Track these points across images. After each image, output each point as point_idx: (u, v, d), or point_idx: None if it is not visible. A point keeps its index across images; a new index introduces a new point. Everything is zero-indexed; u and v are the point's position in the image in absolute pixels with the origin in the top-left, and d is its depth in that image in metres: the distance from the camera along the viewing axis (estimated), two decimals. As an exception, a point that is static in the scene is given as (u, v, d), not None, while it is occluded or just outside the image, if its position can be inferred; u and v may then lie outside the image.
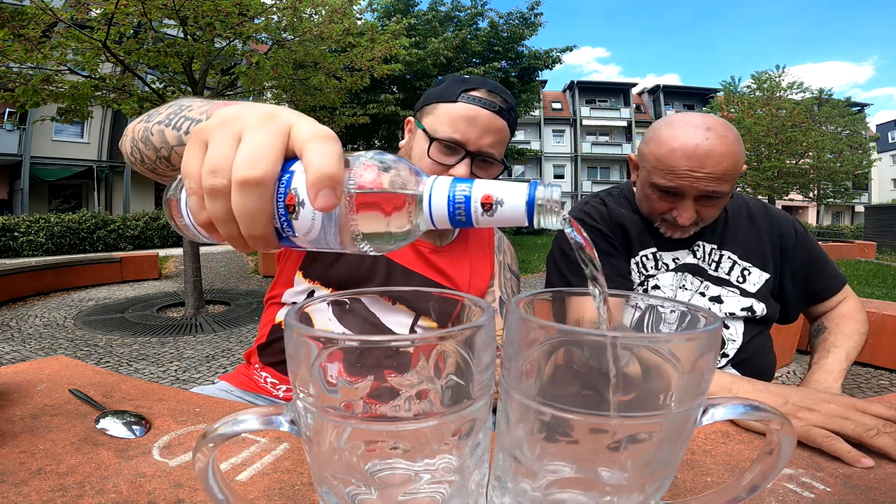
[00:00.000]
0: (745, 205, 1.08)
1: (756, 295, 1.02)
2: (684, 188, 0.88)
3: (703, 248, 1.03)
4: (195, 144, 0.34)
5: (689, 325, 0.35)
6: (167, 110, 0.53)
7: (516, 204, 0.32)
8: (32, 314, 5.14)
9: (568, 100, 33.09)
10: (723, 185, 0.86)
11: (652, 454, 0.30)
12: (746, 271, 1.02)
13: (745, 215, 1.06)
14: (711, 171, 0.84)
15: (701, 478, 0.48)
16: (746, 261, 1.03)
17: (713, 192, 0.87)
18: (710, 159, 0.84)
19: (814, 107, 19.65)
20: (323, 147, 0.31)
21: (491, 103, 0.83)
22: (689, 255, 1.03)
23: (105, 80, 5.25)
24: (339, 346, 0.27)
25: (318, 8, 5.35)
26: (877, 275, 8.25)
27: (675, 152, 0.86)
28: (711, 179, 0.85)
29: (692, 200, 0.90)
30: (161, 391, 0.68)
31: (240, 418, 0.31)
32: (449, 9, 11.48)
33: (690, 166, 0.85)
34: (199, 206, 0.34)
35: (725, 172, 0.85)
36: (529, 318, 0.31)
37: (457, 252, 0.95)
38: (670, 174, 0.88)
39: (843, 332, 0.99)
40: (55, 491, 0.44)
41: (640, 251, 1.03)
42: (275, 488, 0.45)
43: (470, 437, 0.31)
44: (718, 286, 1.02)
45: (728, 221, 1.05)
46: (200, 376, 3.31)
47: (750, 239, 1.04)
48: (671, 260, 1.03)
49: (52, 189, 18.10)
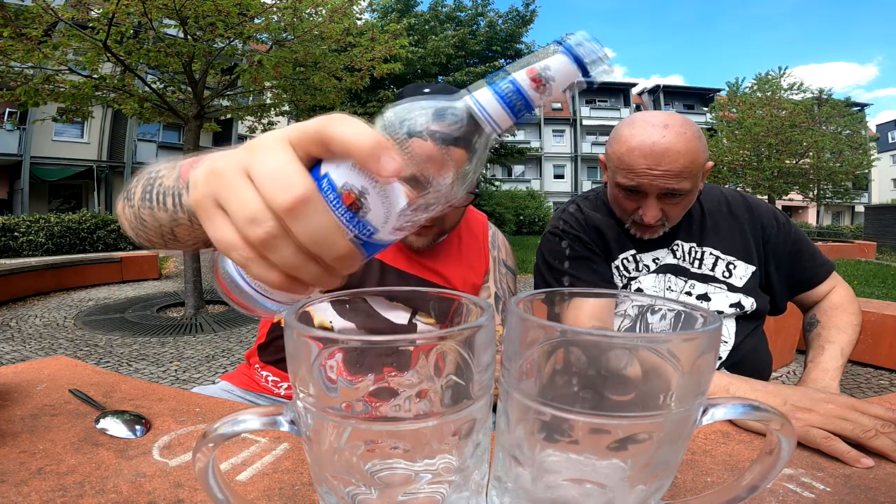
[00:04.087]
0: (723, 198, 1.07)
1: (744, 289, 1.00)
2: (644, 186, 0.89)
3: (682, 248, 1.02)
4: (207, 212, 0.29)
5: (686, 325, 0.35)
6: (140, 186, 0.51)
7: (561, 62, 0.30)
8: (32, 314, 5.14)
9: (568, 100, 32.83)
10: (683, 183, 0.86)
11: (652, 454, 0.30)
12: (731, 265, 1.01)
13: (725, 209, 1.05)
14: (669, 168, 0.85)
15: (701, 478, 0.48)
16: (730, 255, 1.02)
17: (674, 190, 0.87)
18: (667, 157, 0.84)
19: (814, 107, 19.64)
20: (341, 125, 0.28)
21: None
22: (669, 254, 1.02)
23: (105, 80, 5.25)
24: (339, 346, 0.27)
25: (318, 8, 5.35)
26: (877, 275, 8.25)
27: (633, 151, 0.87)
28: (669, 177, 0.85)
29: (655, 199, 0.90)
30: (161, 391, 0.68)
31: (240, 418, 0.31)
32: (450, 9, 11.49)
33: (648, 164, 0.86)
34: (264, 268, 0.28)
35: (683, 169, 0.85)
36: (529, 318, 0.31)
37: (449, 250, 0.96)
38: (631, 173, 0.89)
39: (836, 326, 0.97)
40: (55, 491, 0.44)
41: (619, 255, 1.02)
42: (275, 488, 0.45)
43: (470, 437, 0.31)
44: (704, 283, 1.01)
45: (705, 217, 1.04)
46: (200, 376, 3.31)
47: (731, 232, 1.03)
48: (651, 261, 1.02)
49: (52, 189, 18.09)
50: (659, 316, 0.39)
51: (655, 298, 0.38)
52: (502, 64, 11.51)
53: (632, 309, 0.40)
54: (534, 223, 20.03)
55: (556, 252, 1.03)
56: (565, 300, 0.40)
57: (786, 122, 18.20)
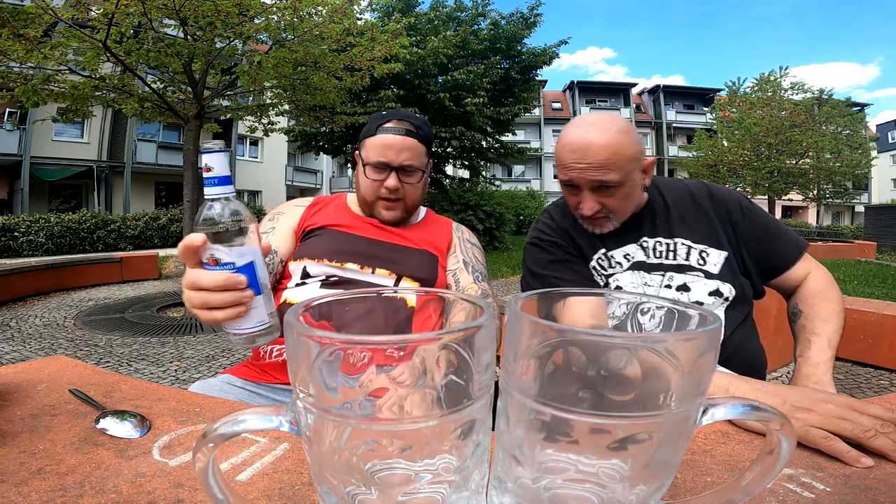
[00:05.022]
0: (686, 190, 1.10)
1: (720, 276, 1.02)
2: (576, 179, 0.97)
3: (650, 243, 1.05)
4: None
5: (679, 323, 0.35)
6: None
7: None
8: (32, 314, 5.14)
9: (568, 100, 33.07)
10: (609, 174, 0.93)
11: (652, 454, 0.30)
12: (704, 253, 1.03)
13: (689, 200, 1.08)
14: (592, 160, 0.93)
15: (701, 478, 0.48)
16: (701, 244, 1.04)
17: (602, 181, 0.94)
18: (590, 150, 0.92)
19: (814, 107, 19.64)
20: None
21: (399, 129, 1.08)
22: (639, 251, 1.05)
23: (105, 80, 5.25)
24: (339, 346, 0.27)
25: (318, 8, 5.35)
26: (877, 275, 8.25)
27: (564, 147, 0.96)
28: (594, 168, 0.93)
29: (589, 191, 0.97)
30: (161, 391, 0.68)
31: (240, 418, 0.31)
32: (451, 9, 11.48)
33: (575, 158, 0.94)
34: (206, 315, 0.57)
35: (606, 161, 0.92)
36: (529, 319, 0.31)
37: (417, 230, 1.16)
38: (563, 168, 0.98)
39: (818, 316, 0.98)
40: (55, 491, 0.44)
41: (592, 255, 1.07)
42: (275, 488, 0.45)
43: (470, 437, 0.31)
44: (682, 273, 1.03)
45: (670, 211, 1.07)
46: (200, 376, 3.31)
47: (698, 222, 1.06)
48: (623, 257, 1.06)
49: (52, 189, 18.09)
50: (649, 315, 0.39)
51: (643, 296, 0.38)
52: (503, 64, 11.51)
53: (620, 308, 0.40)
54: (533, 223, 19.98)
55: (538, 260, 1.09)
56: (562, 300, 0.40)
57: (786, 122, 18.21)
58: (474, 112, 10.60)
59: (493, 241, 11.44)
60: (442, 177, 12.76)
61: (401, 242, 1.10)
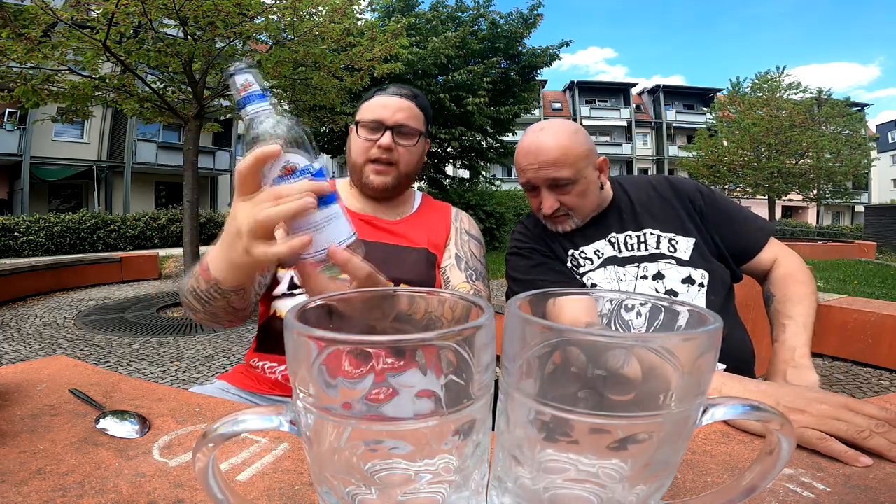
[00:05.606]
0: (648, 184, 1.15)
1: (691, 262, 1.04)
2: (532, 180, 1.03)
3: (619, 238, 1.08)
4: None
5: (665, 319, 0.35)
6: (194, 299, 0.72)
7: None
8: (32, 314, 5.14)
9: (568, 100, 33.07)
10: (562, 171, 0.99)
11: (652, 454, 0.30)
12: (673, 241, 1.06)
13: (652, 193, 1.12)
14: (543, 160, 1.00)
15: (701, 478, 0.48)
16: (669, 232, 1.07)
17: (556, 179, 1.00)
18: (541, 151, 1.00)
19: (813, 107, 19.64)
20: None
21: (398, 93, 1.04)
22: (608, 246, 1.08)
23: (105, 80, 5.25)
24: (339, 346, 0.27)
25: (318, 8, 5.35)
26: (877, 275, 8.25)
27: (519, 153, 1.05)
28: (546, 167, 1.00)
29: (547, 190, 1.03)
30: (161, 391, 0.68)
31: (240, 418, 0.31)
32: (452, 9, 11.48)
33: (529, 160, 1.02)
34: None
35: (556, 160, 0.99)
36: (529, 318, 0.31)
37: (414, 222, 1.08)
38: (520, 171, 1.05)
39: (790, 299, 1.00)
40: (55, 491, 0.44)
41: (565, 256, 1.10)
42: (275, 488, 0.45)
43: (470, 437, 0.31)
44: (654, 262, 1.05)
45: (634, 206, 1.11)
46: (200, 376, 3.31)
47: (663, 212, 1.09)
48: (593, 253, 1.08)
49: (52, 189, 18.09)
50: (634, 313, 0.39)
51: (628, 294, 0.39)
52: (502, 64, 11.51)
53: (605, 306, 0.40)
54: (534, 223, 20.00)
55: (519, 267, 1.12)
56: (555, 299, 0.40)
57: (785, 122, 18.21)
58: (475, 112, 10.60)
59: (493, 241, 11.45)
60: (442, 177, 12.75)
61: (397, 242, 1.03)
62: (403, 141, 1.03)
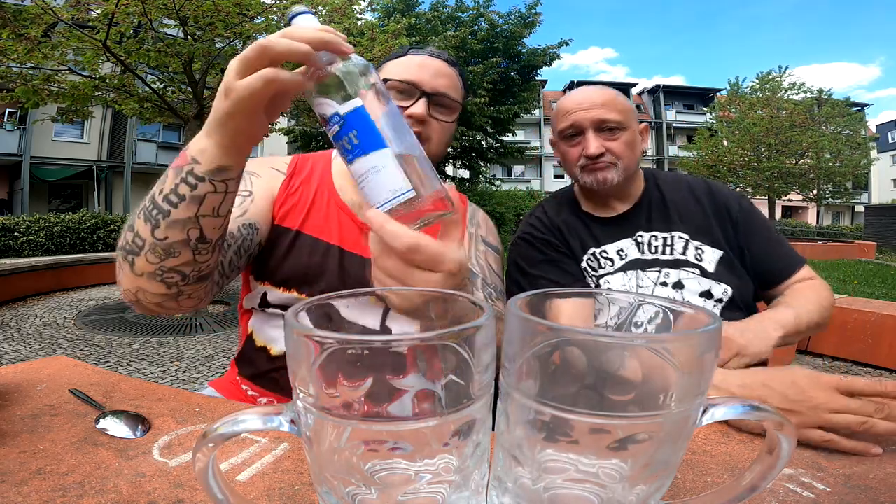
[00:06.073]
0: (685, 184, 1.09)
1: (714, 275, 0.98)
2: (579, 120, 0.99)
3: (645, 238, 1.03)
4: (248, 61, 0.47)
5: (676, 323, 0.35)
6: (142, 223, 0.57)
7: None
8: (32, 314, 5.14)
9: (568, 100, 33.01)
10: (612, 114, 0.98)
11: (652, 454, 0.30)
12: (700, 250, 1.01)
13: (687, 194, 1.06)
14: (593, 101, 0.99)
15: (701, 478, 0.48)
16: (697, 239, 1.01)
17: (605, 121, 0.98)
18: (591, 95, 1.00)
19: (813, 107, 19.65)
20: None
21: (440, 55, 0.87)
22: (633, 246, 1.03)
23: (105, 80, 5.25)
24: (339, 346, 0.27)
25: (318, 8, 5.35)
26: (877, 275, 8.24)
27: (564, 102, 1.04)
28: (595, 108, 0.98)
29: (594, 132, 0.99)
30: (161, 391, 0.68)
31: (240, 418, 0.31)
32: (452, 10, 11.50)
33: (578, 101, 1.00)
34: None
35: (606, 102, 0.98)
36: (529, 318, 0.31)
37: None
38: (563, 116, 1.02)
39: (797, 298, 0.94)
40: (55, 491, 0.44)
41: (583, 255, 1.05)
42: (275, 488, 0.45)
43: (470, 437, 0.31)
44: (677, 269, 1.00)
45: (667, 205, 1.05)
46: (200, 376, 3.31)
47: (696, 217, 1.03)
48: (616, 253, 1.03)
49: (52, 189, 18.09)
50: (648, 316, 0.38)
51: (639, 296, 0.38)
52: (502, 64, 11.52)
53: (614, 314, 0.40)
54: (534, 223, 20.03)
55: (528, 258, 1.06)
56: (553, 302, 0.39)
57: (785, 122, 18.22)
58: (474, 112, 10.59)
59: (493, 241, 11.42)
60: (442, 177, 12.73)
61: None
62: (440, 114, 0.85)
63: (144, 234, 0.56)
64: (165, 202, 0.55)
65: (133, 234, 0.57)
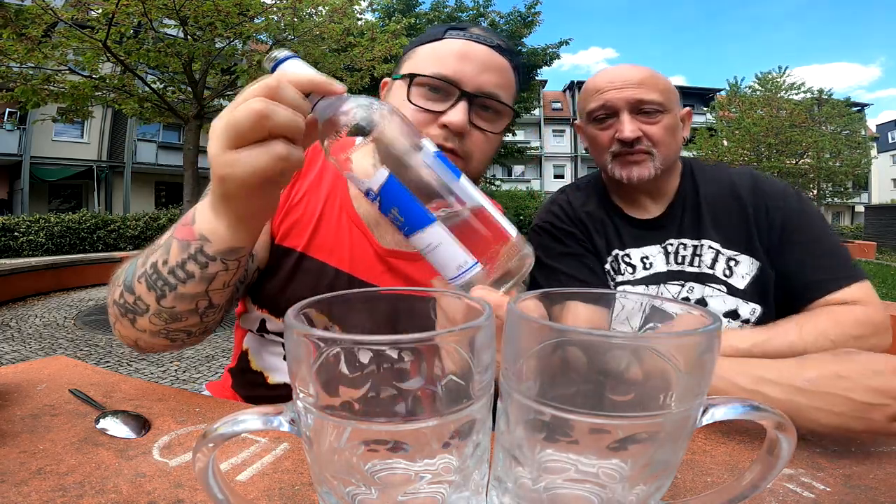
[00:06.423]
0: (727, 181, 0.92)
1: (744, 293, 0.85)
2: (612, 100, 0.88)
3: (675, 246, 0.91)
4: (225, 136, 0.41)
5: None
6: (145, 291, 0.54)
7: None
8: (32, 314, 5.14)
9: (568, 99, 33.08)
10: (650, 94, 0.86)
11: (652, 454, 0.30)
12: (732, 261, 0.87)
13: (727, 192, 0.91)
14: (628, 79, 0.87)
15: (701, 478, 0.48)
16: (732, 248, 0.87)
17: (643, 101, 0.86)
18: (626, 72, 0.88)
19: (813, 107, 19.68)
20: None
21: (488, 39, 0.67)
22: (661, 254, 0.91)
23: (105, 80, 5.26)
24: (339, 346, 0.27)
25: (318, 8, 5.35)
26: (877, 275, 8.25)
27: (594, 80, 0.92)
28: (632, 87, 0.86)
29: (629, 114, 0.87)
30: (161, 391, 0.68)
31: (240, 418, 0.31)
32: (452, 9, 11.52)
33: (610, 79, 0.89)
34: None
35: (645, 80, 0.87)
36: (529, 318, 0.31)
37: None
38: (594, 96, 0.91)
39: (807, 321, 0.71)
40: (55, 491, 0.44)
41: (606, 256, 0.93)
42: (275, 488, 0.45)
43: (470, 437, 0.31)
44: (702, 284, 0.88)
45: (700, 205, 0.91)
46: (200, 376, 3.31)
47: (732, 220, 0.88)
48: (640, 260, 0.91)
49: (52, 189, 18.10)
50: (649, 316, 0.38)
51: (655, 299, 0.38)
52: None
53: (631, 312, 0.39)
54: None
55: (547, 248, 0.94)
56: (563, 302, 0.39)
57: (785, 122, 18.24)
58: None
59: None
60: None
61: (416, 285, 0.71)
62: (485, 123, 0.67)
63: (148, 300, 0.54)
64: (172, 276, 0.52)
65: (133, 296, 0.56)
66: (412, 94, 0.65)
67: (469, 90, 0.64)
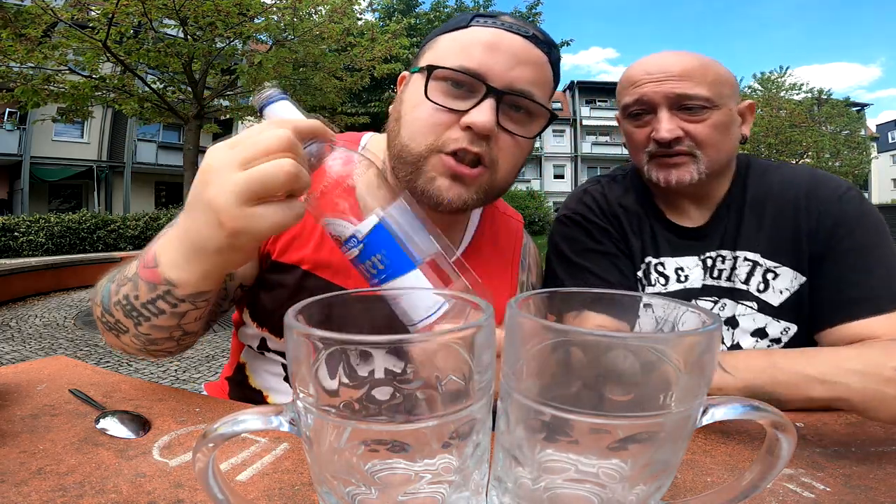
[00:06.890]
0: (780, 180, 0.81)
1: (778, 311, 0.76)
2: (648, 95, 0.77)
3: (714, 259, 0.81)
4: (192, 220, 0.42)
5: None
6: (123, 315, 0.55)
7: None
8: (32, 314, 5.14)
9: (568, 100, 33.05)
10: (696, 88, 0.74)
11: (652, 454, 0.30)
12: (771, 274, 0.77)
13: (779, 194, 0.79)
14: (668, 70, 0.75)
15: (701, 478, 0.48)
16: (774, 259, 0.77)
17: (685, 97, 0.74)
18: (666, 61, 0.76)
19: (813, 107, 19.71)
20: None
21: (520, 27, 0.58)
22: (699, 267, 0.81)
23: (105, 80, 5.26)
24: (339, 346, 0.27)
25: (318, 8, 5.36)
26: (877, 275, 8.22)
27: (631, 70, 0.81)
28: (673, 79, 0.74)
29: (668, 111, 0.76)
30: (161, 391, 0.68)
31: (240, 418, 0.31)
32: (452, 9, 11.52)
33: (647, 70, 0.77)
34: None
35: (689, 71, 0.74)
36: (529, 318, 0.31)
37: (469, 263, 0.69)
38: (630, 88, 0.79)
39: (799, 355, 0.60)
40: (55, 491, 0.44)
41: (640, 262, 0.85)
42: (275, 488, 0.45)
43: (470, 437, 0.31)
44: (735, 301, 0.79)
45: (744, 209, 0.80)
46: (200, 376, 3.31)
47: (778, 227, 0.78)
48: (674, 271, 0.82)
49: (52, 189, 18.10)
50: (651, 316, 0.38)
51: (649, 297, 0.38)
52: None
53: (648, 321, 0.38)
54: (534, 223, 20.11)
55: (576, 242, 0.84)
56: (569, 306, 0.39)
57: (785, 122, 18.25)
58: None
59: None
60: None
61: None
62: (516, 126, 0.59)
63: (126, 324, 0.56)
64: (144, 309, 0.53)
65: (114, 319, 0.57)
66: (430, 90, 0.56)
67: (498, 86, 0.56)
